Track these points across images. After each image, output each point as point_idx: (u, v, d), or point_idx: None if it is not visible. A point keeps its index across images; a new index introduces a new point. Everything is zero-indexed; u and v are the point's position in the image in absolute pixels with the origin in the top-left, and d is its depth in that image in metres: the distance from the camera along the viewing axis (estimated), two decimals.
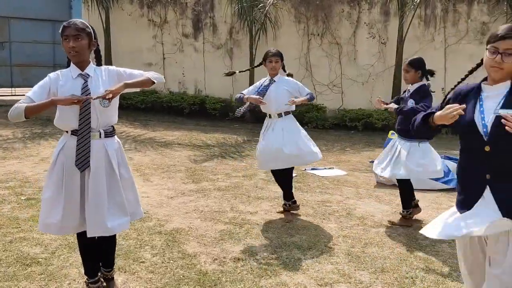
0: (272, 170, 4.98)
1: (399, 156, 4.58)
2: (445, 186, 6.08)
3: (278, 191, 5.71)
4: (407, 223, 4.66)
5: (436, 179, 5.91)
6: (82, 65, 2.82)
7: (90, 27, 2.84)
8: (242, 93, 4.87)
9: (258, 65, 5.18)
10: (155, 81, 2.91)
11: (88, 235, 2.83)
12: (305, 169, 6.92)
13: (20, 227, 4.22)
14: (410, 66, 4.51)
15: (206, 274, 3.45)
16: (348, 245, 4.12)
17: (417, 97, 4.47)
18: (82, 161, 2.75)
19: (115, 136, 2.94)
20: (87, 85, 2.77)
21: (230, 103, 12.03)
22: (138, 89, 3.05)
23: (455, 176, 6.42)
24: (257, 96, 4.74)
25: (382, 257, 3.86)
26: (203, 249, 3.90)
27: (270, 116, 4.85)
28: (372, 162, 6.63)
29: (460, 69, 4.46)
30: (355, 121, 11.14)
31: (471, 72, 2.32)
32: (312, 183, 6.25)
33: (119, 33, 12.57)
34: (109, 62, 12.59)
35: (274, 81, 4.82)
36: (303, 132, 4.85)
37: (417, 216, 4.88)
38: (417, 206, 4.83)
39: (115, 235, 3.04)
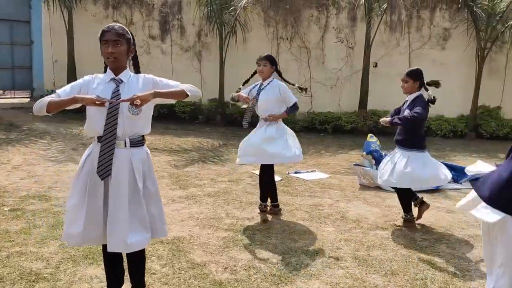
0: (259, 172, 5.04)
1: (400, 166, 4.61)
2: (428, 188, 6.26)
3: None
4: (411, 225, 4.78)
5: None
6: (118, 71, 2.71)
7: (129, 33, 2.73)
8: (236, 92, 4.91)
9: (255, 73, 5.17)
10: (189, 93, 2.78)
11: (108, 250, 2.71)
12: (289, 173, 6.95)
13: (13, 240, 3.98)
14: (408, 77, 4.61)
15: (221, 284, 3.39)
16: (352, 248, 4.17)
17: (412, 106, 4.58)
18: (103, 169, 2.63)
19: (144, 146, 2.82)
20: (119, 89, 2.66)
21: (199, 106, 11.92)
22: (172, 101, 2.91)
23: None
24: (246, 95, 4.79)
25: (388, 260, 3.94)
26: (211, 258, 3.83)
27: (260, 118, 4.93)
28: (356, 165, 6.78)
29: (424, 73, 4.66)
30: (324, 124, 11.32)
31: None
32: (299, 186, 6.29)
33: (82, 34, 12.15)
34: (72, 64, 12.15)
35: (264, 85, 4.85)
36: (289, 132, 4.91)
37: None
38: (423, 202, 4.89)
39: (144, 252, 2.90)
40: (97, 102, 2.54)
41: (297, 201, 5.60)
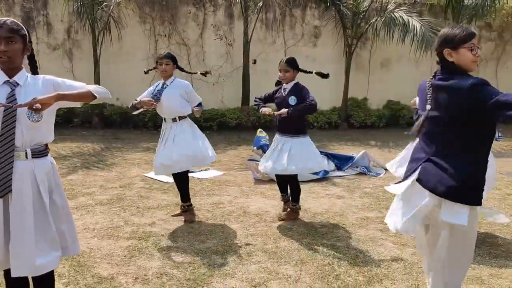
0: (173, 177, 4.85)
1: (285, 153, 4.72)
2: (315, 177, 6.61)
3: (165, 198, 5.57)
4: (296, 216, 4.89)
5: None
6: (12, 73, 2.36)
7: (24, 28, 2.39)
8: (136, 100, 4.58)
9: (150, 70, 4.93)
10: (97, 95, 2.52)
11: (12, 275, 2.38)
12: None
13: None
14: (289, 66, 4.67)
15: None
16: (260, 242, 4.23)
17: (298, 94, 4.71)
18: (3, 185, 2.30)
19: (48, 157, 2.51)
20: (14, 94, 2.33)
21: (73, 108, 11.08)
22: (77, 104, 2.62)
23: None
24: (148, 99, 4.52)
25: (296, 250, 4.07)
26: (118, 269, 3.59)
27: (165, 120, 4.68)
28: (250, 160, 6.89)
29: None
30: (209, 121, 11.32)
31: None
32: (195, 186, 6.19)
33: None
34: None
35: (167, 85, 4.64)
36: (199, 134, 4.78)
37: (308, 206, 5.24)
38: (287, 201, 4.98)
39: (53, 273, 2.59)
40: None
41: (196, 201, 5.51)
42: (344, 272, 3.63)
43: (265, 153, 7.06)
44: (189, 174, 6.75)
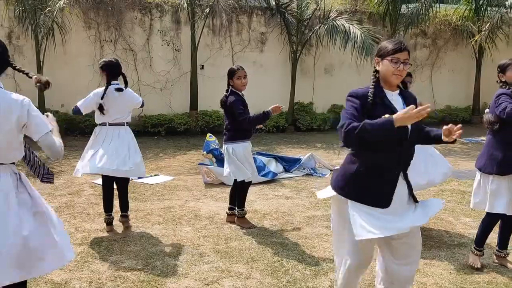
0: (108, 185, 4.79)
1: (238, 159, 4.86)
2: (264, 179, 6.83)
3: (116, 203, 5.55)
4: (246, 221, 4.93)
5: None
6: None
7: None
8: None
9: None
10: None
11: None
12: (132, 179, 6.80)
13: None
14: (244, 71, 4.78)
15: None
16: (211, 243, 4.37)
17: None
18: None
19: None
20: None
21: None
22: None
23: (271, 169, 7.23)
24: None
25: (247, 249, 4.24)
26: (71, 275, 3.62)
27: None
28: (200, 164, 7.01)
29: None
30: (157, 127, 11.31)
31: None
32: (145, 192, 6.24)
33: None
34: None
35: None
36: (133, 143, 4.81)
37: (258, 207, 5.44)
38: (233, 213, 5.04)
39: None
40: None
41: (147, 206, 5.57)
42: (293, 267, 3.84)
43: (215, 157, 7.24)
44: (139, 180, 6.82)
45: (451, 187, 6.57)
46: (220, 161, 6.70)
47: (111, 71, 4.66)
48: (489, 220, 3.86)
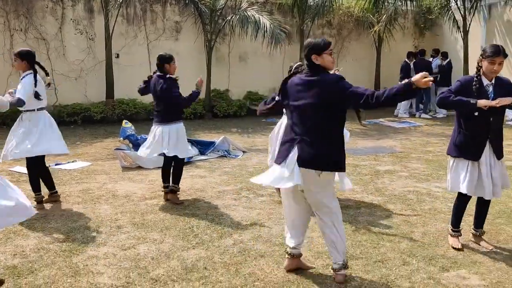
0: (32, 167, 5.10)
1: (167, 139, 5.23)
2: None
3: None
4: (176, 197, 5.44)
5: None
6: None
7: None
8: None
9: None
10: None
11: None
12: (50, 166, 6.97)
13: None
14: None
15: (16, 267, 3.59)
16: (128, 217, 4.80)
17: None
18: None
19: None
20: None
21: None
22: None
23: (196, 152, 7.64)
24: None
25: (161, 220, 4.72)
26: None
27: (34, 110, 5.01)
28: (117, 149, 7.32)
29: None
30: (73, 116, 11.31)
31: None
32: (63, 176, 6.47)
33: None
34: None
35: (22, 77, 4.93)
36: (49, 126, 5.15)
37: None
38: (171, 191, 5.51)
39: None
40: None
41: (66, 189, 5.84)
42: (202, 232, 4.40)
43: (131, 143, 7.58)
44: (56, 166, 7.02)
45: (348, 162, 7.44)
46: (136, 146, 7.04)
47: (32, 60, 4.96)
48: (457, 201, 4.08)
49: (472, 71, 3.94)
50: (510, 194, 5.57)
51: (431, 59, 13.67)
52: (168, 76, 5.23)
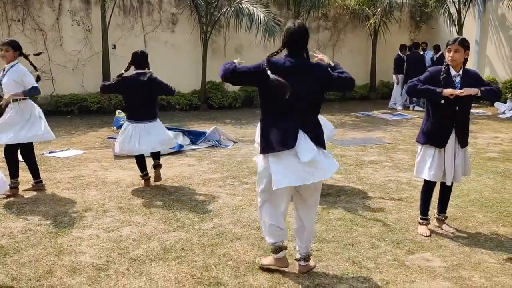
0: (10, 152, 5.26)
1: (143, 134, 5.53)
2: (171, 150, 7.46)
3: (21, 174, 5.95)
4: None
5: None
6: None
7: None
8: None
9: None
10: None
11: None
12: (43, 153, 7.17)
13: None
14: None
15: (3, 247, 3.78)
16: (115, 202, 4.99)
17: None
18: None
19: None
20: None
21: None
22: None
23: (178, 142, 7.84)
24: None
25: (147, 205, 4.91)
26: None
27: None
28: (109, 138, 7.50)
29: (158, 54, 5.77)
30: (70, 106, 11.48)
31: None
32: (56, 164, 6.66)
33: None
34: None
35: (7, 69, 5.09)
36: (36, 114, 5.29)
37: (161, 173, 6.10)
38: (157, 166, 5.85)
39: None
40: None
41: (57, 175, 6.03)
42: (184, 216, 4.59)
43: None
44: (50, 154, 7.20)
45: (335, 152, 7.62)
46: None
47: (21, 51, 5.21)
48: (423, 188, 4.24)
49: (466, 65, 4.09)
50: (487, 184, 5.74)
51: (422, 52, 13.82)
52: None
